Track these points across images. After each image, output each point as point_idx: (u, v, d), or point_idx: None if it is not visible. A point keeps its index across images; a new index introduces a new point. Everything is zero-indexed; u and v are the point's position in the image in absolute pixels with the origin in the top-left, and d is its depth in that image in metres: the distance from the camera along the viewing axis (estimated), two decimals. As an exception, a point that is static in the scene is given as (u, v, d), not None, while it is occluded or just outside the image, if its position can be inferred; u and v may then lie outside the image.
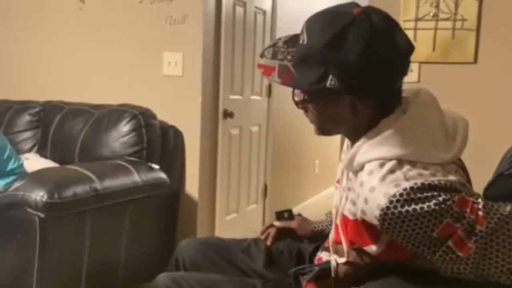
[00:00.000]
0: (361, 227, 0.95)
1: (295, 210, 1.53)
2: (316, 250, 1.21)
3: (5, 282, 1.86)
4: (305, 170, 4.30)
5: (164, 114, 2.62)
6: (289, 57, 0.99)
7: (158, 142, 2.54)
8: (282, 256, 1.30)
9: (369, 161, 0.91)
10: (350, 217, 0.97)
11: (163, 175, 2.42)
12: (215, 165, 2.82)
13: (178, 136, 2.64)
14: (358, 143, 0.96)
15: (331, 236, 1.08)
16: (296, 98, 1.04)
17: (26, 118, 2.74)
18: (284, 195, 3.83)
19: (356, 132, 0.98)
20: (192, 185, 2.67)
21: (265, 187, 3.48)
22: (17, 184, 1.86)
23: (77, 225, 1.99)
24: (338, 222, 1.02)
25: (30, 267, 1.83)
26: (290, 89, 1.06)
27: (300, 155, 4.17)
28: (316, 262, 1.14)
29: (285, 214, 1.43)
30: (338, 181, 1.10)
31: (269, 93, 3.40)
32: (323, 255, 1.13)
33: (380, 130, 0.94)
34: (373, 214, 0.86)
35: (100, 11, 2.76)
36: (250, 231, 3.31)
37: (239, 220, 3.15)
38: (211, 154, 2.77)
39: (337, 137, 5.09)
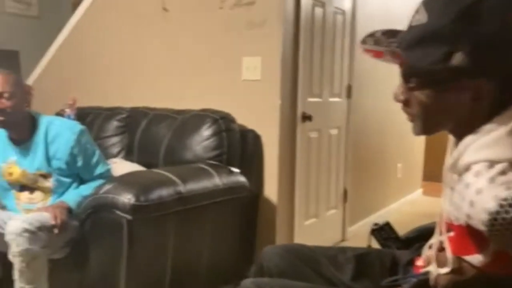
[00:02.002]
0: (465, 234, 0.87)
1: (376, 217, 1.44)
2: (413, 259, 1.13)
3: (95, 280, 1.95)
4: (386, 174, 4.14)
5: (244, 118, 2.63)
6: (393, 45, 0.95)
7: (238, 146, 2.56)
8: (373, 266, 1.23)
9: (477, 162, 0.83)
10: (455, 222, 0.89)
11: (242, 179, 2.43)
12: (293, 169, 2.79)
13: (257, 139, 2.64)
14: (466, 141, 0.88)
15: (434, 240, 1.00)
16: (401, 88, 0.98)
17: (114, 124, 2.88)
18: (365, 200, 3.71)
19: (467, 126, 0.90)
20: (271, 189, 2.65)
21: (345, 191, 3.39)
22: (106, 187, 1.95)
23: (162, 227, 2.05)
24: (443, 227, 0.95)
25: (118, 267, 1.90)
26: (371, 89, 1.01)
27: (382, 158, 4.02)
28: (414, 271, 1.06)
29: (384, 229, 1.33)
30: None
31: (349, 94, 3.31)
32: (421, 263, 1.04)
33: (492, 128, 0.86)
34: (479, 219, 0.78)
35: (182, 19, 2.84)
36: (330, 236, 3.24)
37: (318, 225, 3.09)
38: (289, 158, 2.74)
39: (421, 140, 4.85)
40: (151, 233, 2.00)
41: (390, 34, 0.97)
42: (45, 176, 1.99)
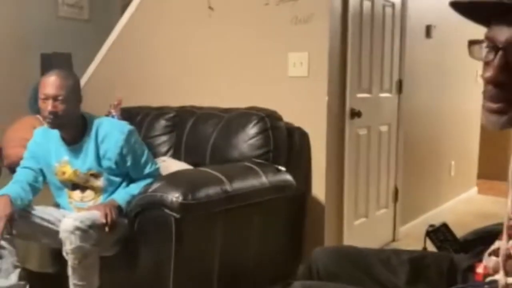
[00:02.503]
0: None
1: (429, 216, 1.36)
2: (473, 265, 1.05)
3: (144, 277, 1.97)
4: (439, 172, 3.97)
5: (290, 116, 2.59)
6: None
7: (284, 143, 2.52)
8: (429, 270, 1.16)
9: None
10: None
11: (289, 177, 2.39)
12: (342, 167, 2.72)
13: (304, 137, 2.60)
14: None
15: (502, 246, 0.92)
16: (499, 66, 0.78)
17: (162, 123, 2.91)
18: (417, 200, 3.57)
19: None
20: (318, 188, 2.60)
21: (396, 190, 3.28)
22: (155, 186, 1.97)
23: (209, 225, 2.05)
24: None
25: (167, 264, 1.91)
26: (422, 84, 0.90)
27: (435, 156, 3.86)
28: (476, 278, 0.99)
29: (440, 230, 1.25)
30: None
31: (400, 89, 3.19)
32: (489, 262, 0.95)
33: None
34: None
35: (227, 16, 2.84)
36: (380, 237, 3.14)
37: (368, 225, 3.00)
38: (338, 156, 2.68)
39: (476, 137, 4.63)
40: (199, 232, 2.01)
41: None
42: (96, 176, 2.03)
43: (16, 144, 2.50)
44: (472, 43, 0.84)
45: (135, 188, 2.03)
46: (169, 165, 2.56)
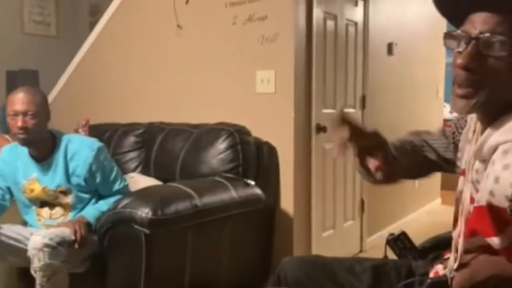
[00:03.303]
0: (484, 214, 0.83)
1: (395, 227, 1.44)
2: (428, 271, 1.13)
3: (116, 293, 1.97)
4: (404, 184, 4.09)
5: (258, 131, 2.65)
6: None
7: (253, 158, 2.58)
8: (389, 276, 1.23)
9: (506, 142, 0.82)
10: (475, 204, 0.87)
11: (258, 191, 2.44)
12: (309, 180, 2.79)
13: (272, 152, 2.66)
14: (494, 125, 0.87)
15: (454, 234, 0.99)
16: (472, 53, 0.88)
17: (131, 139, 2.93)
18: (382, 211, 3.68)
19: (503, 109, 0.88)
20: (287, 201, 2.66)
21: (362, 202, 3.38)
22: (124, 202, 1.98)
23: (179, 240, 2.07)
24: (462, 217, 0.94)
25: (138, 280, 1.92)
26: (385, 100, 1.00)
27: (398, 168, 3.99)
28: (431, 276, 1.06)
29: (399, 239, 1.32)
30: (462, 173, 1.01)
31: (363, 105, 3.31)
32: (439, 268, 1.04)
33: None
34: (504, 194, 0.77)
35: (196, 35, 2.90)
36: (348, 248, 3.22)
37: (336, 237, 3.08)
38: (305, 169, 2.75)
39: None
40: (169, 246, 2.02)
41: None
42: (65, 193, 2.03)
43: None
44: (447, 35, 0.93)
45: (104, 204, 2.04)
46: (138, 181, 2.58)
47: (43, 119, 1.98)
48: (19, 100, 1.91)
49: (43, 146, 2.00)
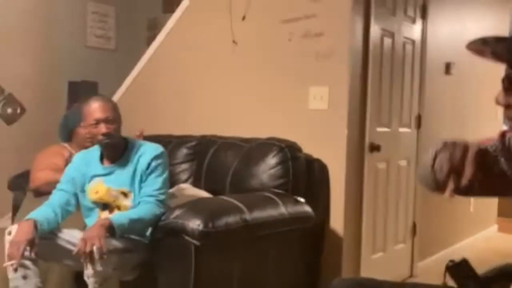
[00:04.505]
0: None
1: (447, 253, 1.36)
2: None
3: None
4: (458, 208, 3.94)
5: (310, 148, 2.63)
6: (501, 47, 0.93)
7: (304, 175, 2.55)
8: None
9: None
10: None
11: (308, 209, 2.41)
12: (361, 200, 2.73)
13: (323, 169, 2.62)
14: None
15: None
16: (502, 92, 0.94)
17: (183, 151, 2.97)
18: (435, 235, 3.54)
19: None
20: (337, 220, 2.61)
21: (414, 225, 3.26)
22: (176, 213, 2.00)
23: (228, 253, 2.07)
24: None
25: (186, 291, 1.93)
26: (441, 119, 0.98)
27: (453, 192, 3.83)
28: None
29: (461, 266, 1.25)
30: None
31: (419, 124, 3.21)
32: None
33: None
34: None
35: (251, 51, 2.93)
36: (397, 272, 3.10)
37: (385, 260, 2.98)
38: (356, 189, 2.69)
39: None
40: (218, 259, 2.03)
41: (502, 39, 0.93)
42: (125, 194, 2.08)
43: (42, 168, 2.57)
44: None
45: (134, 212, 2.00)
46: (189, 192, 2.61)
47: (119, 123, 2.10)
48: (98, 108, 2.03)
49: (118, 149, 2.10)
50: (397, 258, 3.13)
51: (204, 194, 2.62)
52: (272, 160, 2.51)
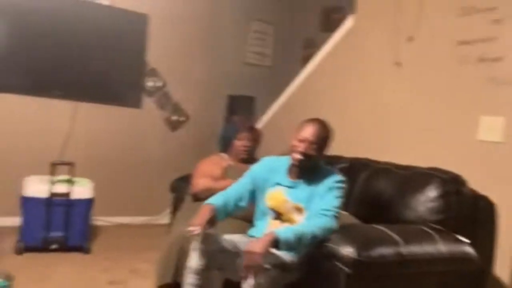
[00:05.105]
0: None
1: None
2: None
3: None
4: None
5: (476, 182, 2.38)
6: None
7: (467, 212, 2.31)
8: None
9: None
10: None
11: (470, 250, 2.18)
12: (533, 248, 2.38)
13: (490, 208, 2.35)
14: None
15: None
16: None
17: (333, 171, 2.92)
18: None
19: None
20: (503, 267, 2.32)
21: None
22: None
23: (378, 286, 1.96)
24: None
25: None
26: None
27: None
28: None
29: None
30: None
31: None
32: None
33: None
34: None
35: (416, 73, 2.78)
36: None
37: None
38: (529, 235, 2.36)
39: None
40: (367, 292, 1.93)
41: None
42: (299, 210, 2.11)
43: (203, 175, 2.75)
44: None
45: (304, 226, 1.96)
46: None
47: (319, 153, 2.15)
48: (310, 130, 2.12)
49: (306, 169, 2.15)
50: None
51: (352, 219, 2.53)
52: (432, 192, 2.32)
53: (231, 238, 2.09)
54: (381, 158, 2.77)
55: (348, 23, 3.29)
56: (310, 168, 2.15)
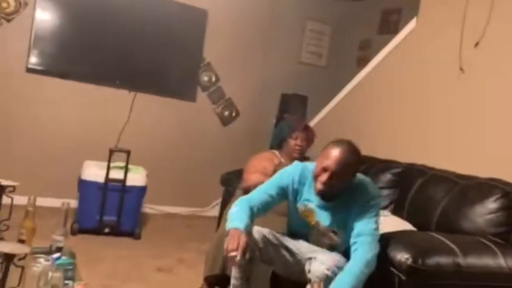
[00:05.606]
0: None
1: None
2: None
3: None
4: None
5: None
6: None
7: (530, 227, 2.22)
8: None
9: None
10: None
11: (532, 267, 2.08)
12: None
13: (556, 225, 2.24)
14: None
15: None
16: None
17: (387, 176, 2.88)
18: None
19: None
20: None
21: None
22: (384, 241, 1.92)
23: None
24: None
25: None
26: None
27: None
28: None
29: None
30: None
31: None
32: None
33: None
34: None
35: (479, 80, 2.68)
36: None
37: None
38: None
39: None
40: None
41: None
42: (334, 232, 2.02)
43: (254, 171, 2.76)
44: None
45: (353, 277, 1.80)
46: (390, 221, 2.49)
47: (346, 179, 1.93)
48: (333, 158, 1.89)
49: (331, 196, 1.99)
50: None
51: (407, 225, 2.48)
52: (492, 204, 2.24)
53: (294, 244, 2.07)
54: (438, 165, 2.69)
55: (410, 26, 3.22)
56: (333, 195, 1.97)
